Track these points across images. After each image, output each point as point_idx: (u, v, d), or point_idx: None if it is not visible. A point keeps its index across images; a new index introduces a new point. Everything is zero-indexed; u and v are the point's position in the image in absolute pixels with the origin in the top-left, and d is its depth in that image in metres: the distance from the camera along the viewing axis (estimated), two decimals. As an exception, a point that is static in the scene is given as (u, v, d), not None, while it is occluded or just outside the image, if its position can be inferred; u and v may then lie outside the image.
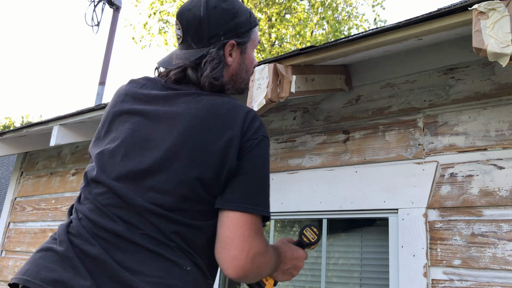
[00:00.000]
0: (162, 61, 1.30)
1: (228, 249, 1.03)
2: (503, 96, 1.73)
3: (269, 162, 1.21)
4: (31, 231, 3.54)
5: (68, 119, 2.69)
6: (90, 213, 1.06)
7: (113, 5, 5.21)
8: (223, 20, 1.23)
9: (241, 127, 1.11)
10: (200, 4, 1.23)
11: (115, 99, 1.28)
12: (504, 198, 1.62)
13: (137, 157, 1.09)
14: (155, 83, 1.27)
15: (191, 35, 1.23)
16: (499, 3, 1.23)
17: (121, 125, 1.18)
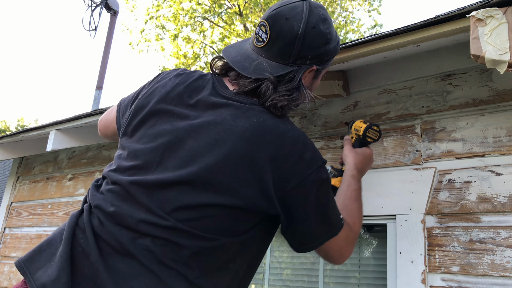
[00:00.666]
0: (234, 59, 1.16)
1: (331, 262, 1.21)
2: (501, 103, 1.73)
3: (329, 185, 1.11)
4: (27, 236, 3.52)
5: (65, 124, 2.68)
6: (105, 214, 1.03)
7: (111, 10, 5.22)
8: (316, 44, 1.14)
9: (289, 162, 1.02)
10: (301, 19, 1.11)
11: (160, 90, 1.17)
12: (502, 204, 1.62)
13: (172, 168, 1.03)
14: (209, 84, 1.16)
15: (278, 47, 1.13)
16: (497, 11, 1.24)
17: (160, 124, 1.10)
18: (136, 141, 1.11)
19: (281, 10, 1.13)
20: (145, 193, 1.02)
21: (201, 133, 1.05)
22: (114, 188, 1.06)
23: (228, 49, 1.23)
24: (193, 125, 1.07)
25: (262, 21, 1.16)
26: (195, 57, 15.26)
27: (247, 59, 1.16)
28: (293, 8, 1.13)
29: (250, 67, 1.14)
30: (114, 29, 5.26)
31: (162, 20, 15.19)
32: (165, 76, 1.24)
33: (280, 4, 1.16)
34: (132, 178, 1.05)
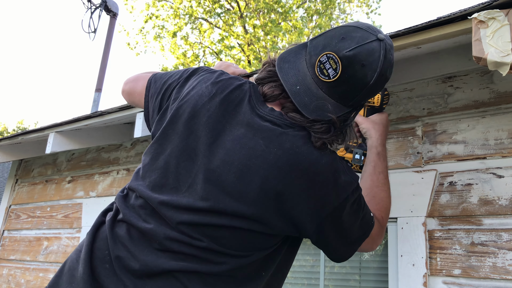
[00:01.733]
0: (293, 89, 1.07)
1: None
2: (502, 105, 1.72)
3: (361, 198, 1.12)
4: (25, 239, 3.51)
5: (64, 127, 2.67)
6: (137, 229, 1.03)
7: (110, 12, 5.21)
8: (376, 89, 1.10)
9: (324, 189, 1.02)
10: (376, 69, 1.04)
11: (196, 99, 1.10)
12: (503, 207, 1.61)
13: (203, 194, 1.01)
14: (245, 98, 1.10)
15: (344, 89, 1.07)
16: (499, 12, 1.23)
17: (193, 140, 1.06)
18: (168, 155, 1.08)
19: (359, 53, 1.04)
20: (176, 214, 1.01)
21: (232, 157, 1.02)
22: (144, 204, 1.05)
23: (284, 68, 1.12)
24: (226, 146, 1.04)
25: (334, 55, 1.05)
26: (194, 58, 15.27)
27: (307, 92, 1.08)
28: (371, 53, 1.04)
29: (311, 104, 1.07)
30: (113, 31, 5.25)
31: (161, 20, 15.19)
32: (202, 79, 1.17)
33: (357, 41, 1.05)
34: (163, 197, 1.04)
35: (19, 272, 3.38)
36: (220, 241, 0.99)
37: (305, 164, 1.01)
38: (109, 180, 3.08)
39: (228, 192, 1.00)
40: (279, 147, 1.01)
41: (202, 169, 1.03)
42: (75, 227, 3.16)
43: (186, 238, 0.99)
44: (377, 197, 1.27)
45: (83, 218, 3.12)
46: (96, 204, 3.09)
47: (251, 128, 1.05)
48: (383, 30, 2.17)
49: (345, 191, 1.05)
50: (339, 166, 1.06)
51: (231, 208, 0.99)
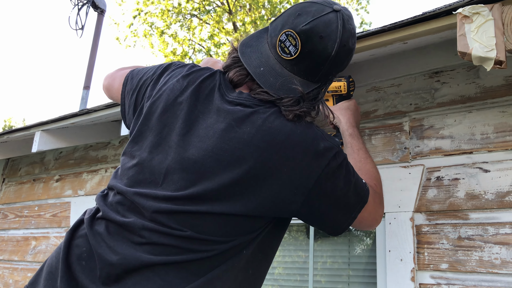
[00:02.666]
0: (256, 71, 1.10)
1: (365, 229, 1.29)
2: (488, 99, 1.73)
3: (347, 163, 1.11)
4: (13, 239, 3.47)
5: (51, 125, 2.64)
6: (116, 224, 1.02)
7: (98, 9, 5.16)
8: (341, 61, 1.11)
9: (305, 159, 1.01)
10: (335, 39, 1.05)
11: (168, 94, 1.11)
12: (490, 201, 1.62)
13: (181, 183, 1.00)
14: (216, 86, 1.11)
15: (307, 64, 1.08)
16: (483, 7, 1.23)
17: (168, 133, 1.07)
18: (143, 151, 1.09)
19: (316, 25, 1.05)
20: (153, 203, 1.00)
21: (207, 143, 1.02)
22: (122, 200, 1.05)
23: (246, 52, 1.14)
24: (200, 134, 1.04)
25: (292, 32, 1.07)
26: (183, 55, 15.19)
27: (271, 72, 1.09)
28: (328, 24, 1.05)
29: (276, 83, 1.08)
30: (101, 27, 5.20)
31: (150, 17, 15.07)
32: (173, 74, 1.18)
33: (312, 14, 1.07)
34: (140, 190, 1.03)
35: (7, 272, 3.35)
36: (202, 229, 0.98)
37: (280, 137, 1.00)
38: (97, 178, 3.06)
39: (207, 177, 0.99)
40: (251, 125, 1.01)
41: (177, 159, 1.03)
42: (64, 226, 3.13)
43: (166, 229, 0.97)
44: (363, 169, 1.29)
45: (71, 217, 3.10)
46: (84, 202, 3.06)
47: (221, 113, 1.05)
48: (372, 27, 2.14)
49: (326, 157, 1.03)
50: (316, 134, 1.06)
51: (211, 193, 0.98)
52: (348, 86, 1.53)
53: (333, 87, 1.55)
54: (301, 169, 1.01)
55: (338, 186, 1.05)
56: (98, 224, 1.02)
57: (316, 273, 2.08)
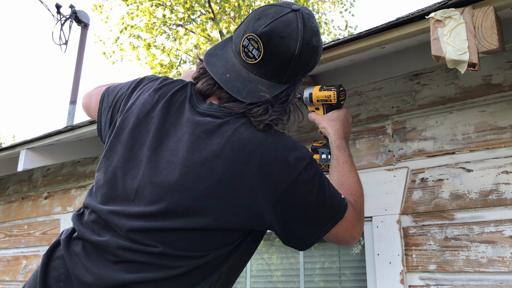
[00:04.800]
0: (223, 78, 1.10)
1: (343, 244, 1.19)
2: (467, 100, 1.75)
3: (321, 176, 1.08)
4: (3, 259, 3.44)
5: (36, 143, 2.63)
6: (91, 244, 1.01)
7: (81, 23, 5.14)
8: (308, 59, 1.10)
9: (275, 169, 1.00)
10: (297, 37, 1.05)
11: (140, 109, 1.11)
12: (474, 200, 1.64)
13: (153, 198, 0.99)
14: (187, 98, 1.11)
15: (273, 66, 1.08)
16: (454, 11, 1.25)
17: (139, 148, 1.05)
18: (115, 166, 1.08)
19: (276, 26, 1.05)
20: (126, 222, 0.99)
21: (177, 156, 1.01)
22: (97, 219, 1.04)
23: (212, 61, 1.14)
24: (170, 147, 1.03)
25: (253, 36, 1.07)
26: (170, 66, 15.17)
27: (238, 78, 1.10)
28: (288, 24, 1.06)
29: (243, 89, 1.08)
30: (85, 42, 5.19)
31: (136, 30, 15.04)
32: (145, 88, 1.18)
33: (271, 16, 1.07)
34: (113, 208, 1.02)
35: (-1, 293, 3.31)
36: (175, 245, 0.97)
37: (250, 148, 1.00)
38: (86, 193, 3.04)
39: (177, 191, 0.98)
40: (221, 136, 1.01)
41: (148, 174, 1.02)
42: (54, 243, 3.10)
43: (140, 246, 0.96)
44: (345, 183, 1.26)
45: (61, 234, 3.07)
46: (74, 219, 3.04)
47: (192, 125, 1.05)
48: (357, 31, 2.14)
49: (297, 168, 1.02)
50: (287, 144, 1.05)
51: (182, 207, 0.97)
52: (338, 95, 1.50)
53: (322, 96, 1.53)
54: (270, 179, 1.00)
55: (308, 198, 1.04)
56: (74, 244, 1.01)
57: (308, 279, 2.08)
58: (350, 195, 1.21)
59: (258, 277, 2.27)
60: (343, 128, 1.46)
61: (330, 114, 1.51)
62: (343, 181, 1.26)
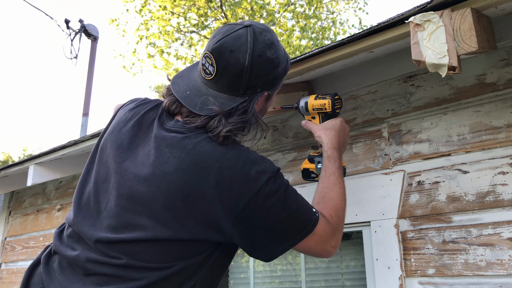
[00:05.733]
0: (183, 95, 1.14)
1: (317, 257, 1.22)
2: (462, 100, 1.72)
3: (286, 190, 1.09)
4: (22, 270, 3.52)
5: (42, 158, 2.69)
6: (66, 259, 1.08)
7: (91, 36, 5.24)
8: (264, 71, 1.13)
9: (235, 183, 1.02)
10: (246, 50, 1.09)
11: (115, 129, 1.17)
12: (471, 202, 1.61)
13: (119, 211, 1.02)
14: (157, 117, 1.16)
15: (226, 80, 1.11)
16: (433, 14, 1.24)
17: (108, 164, 1.11)
18: (90, 182, 1.14)
19: (225, 41, 1.10)
20: (94, 233, 1.04)
21: (141, 169, 1.05)
22: (72, 233, 1.09)
23: (177, 81, 1.21)
24: (137, 162, 1.07)
25: (207, 52, 1.13)
26: (186, 71, 15.30)
27: (197, 94, 1.14)
28: (237, 38, 1.10)
29: (193, 97, 1.14)
30: (95, 54, 5.28)
31: (152, 38, 15.22)
32: (125, 109, 1.24)
33: (223, 33, 1.12)
34: (84, 221, 1.07)
35: (17, 304, 3.39)
36: (139, 256, 0.99)
37: (209, 161, 1.02)
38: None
39: (139, 203, 1.01)
40: (182, 150, 1.04)
41: (115, 187, 1.07)
42: (67, 255, 3.17)
43: (106, 258, 0.99)
44: (326, 197, 1.26)
45: (74, 245, 3.13)
46: (85, 230, 3.10)
47: (157, 141, 1.09)
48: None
49: (258, 182, 1.03)
50: (248, 157, 1.06)
51: (144, 218, 1.00)
52: (333, 103, 1.51)
53: (317, 105, 1.54)
54: (230, 192, 1.01)
55: (272, 212, 1.04)
56: (52, 261, 1.07)
57: (308, 286, 2.07)
58: (327, 209, 1.21)
59: (258, 284, 2.27)
60: (338, 138, 1.46)
61: (326, 123, 1.52)
62: (325, 194, 1.27)
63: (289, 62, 1.24)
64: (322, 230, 1.12)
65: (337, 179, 1.32)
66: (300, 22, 14.35)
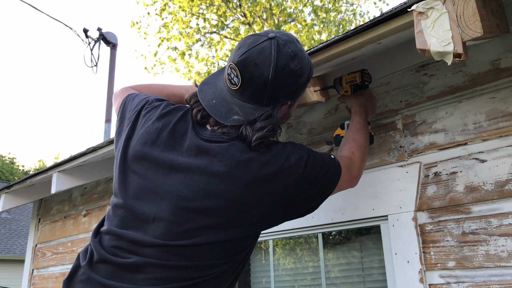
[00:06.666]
0: (209, 104, 1.20)
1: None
2: (477, 87, 1.67)
3: (315, 160, 1.26)
4: (52, 276, 3.62)
5: (65, 165, 2.76)
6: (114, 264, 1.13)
7: (109, 44, 5.34)
8: (287, 83, 1.17)
9: (280, 179, 1.16)
10: (270, 64, 1.12)
11: (145, 137, 1.18)
12: (490, 192, 1.56)
13: (170, 225, 1.08)
14: (189, 126, 1.19)
15: (251, 91, 1.16)
16: (436, 1, 1.20)
17: (153, 176, 1.13)
18: (130, 194, 1.15)
19: (250, 54, 1.13)
20: (150, 241, 1.08)
21: (193, 179, 1.10)
22: (118, 243, 1.11)
23: (204, 88, 1.25)
24: (183, 172, 1.12)
25: (232, 64, 1.16)
26: (208, 74, 15.39)
27: (222, 103, 1.19)
28: (262, 52, 1.13)
29: (219, 106, 1.19)
30: (115, 61, 5.37)
31: (173, 41, 15.37)
32: (148, 116, 1.25)
33: (248, 45, 1.15)
34: (132, 232, 1.11)
35: (49, 308, 3.49)
36: (200, 257, 1.08)
37: (258, 166, 1.11)
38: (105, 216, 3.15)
39: (199, 212, 1.07)
40: (231, 158, 1.10)
41: (166, 198, 1.09)
42: (94, 259, 3.23)
43: (165, 262, 1.05)
44: (350, 139, 1.55)
45: (100, 250, 3.19)
46: (110, 234, 3.16)
47: (201, 151, 1.13)
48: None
49: (300, 167, 1.17)
50: (285, 151, 1.18)
51: (204, 225, 1.07)
52: (362, 76, 1.76)
53: (350, 77, 1.78)
54: (282, 185, 1.14)
55: (317, 178, 1.23)
56: (96, 268, 1.09)
57: (328, 283, 2.06)
58: (351, 147, 1.50)
59: (279, 282, 2.26)
60: (365, 99, 1.72)
61: (356, 93, 1.77)
62: (349, 137, 1.57)
63: (312, 69, 1.28)
64: (346, 168, 1.36)
65: (361, 127, 1.61)
66: (319, 16, 14.23)
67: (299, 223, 2.07)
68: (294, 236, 2.26)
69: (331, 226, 1.99)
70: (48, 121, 67.06)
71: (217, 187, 1.07)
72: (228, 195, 1.07)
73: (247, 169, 1.09)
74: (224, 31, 15.39)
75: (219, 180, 1.07)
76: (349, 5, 15.58)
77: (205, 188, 1.07)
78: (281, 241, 2.38)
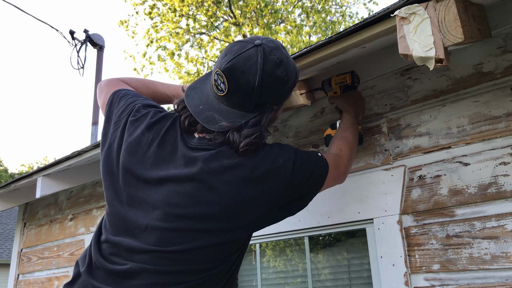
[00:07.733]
0: (196, 109, 1.20)
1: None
2: (460, 91, 1.69)
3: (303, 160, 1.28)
4: (38, 280, 3.58)
5: (49, 170, 2.73)
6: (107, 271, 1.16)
7: (96, 45, 5.29)
8: (273, 89, 1.18)
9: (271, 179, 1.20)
10: (256, 71, 1.13)
11: (135, 148, 1.18)
12: (473, 195, 1.58)
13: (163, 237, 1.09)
14: (178, 135, 1.20)
15: (237, 98, 1.17)
16: (418, 7, 1.21)
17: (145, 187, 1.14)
18: (123, 203, 1.16)
19: (237, 62, 1.14)
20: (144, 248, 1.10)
21: (183, 187, 1.10)
22: (114, 250, 1.14)
23: (190, 94, 1.26)
24: (173, 180, 1.12)
25: (219, 70, 1.17)
26: (198, 74, 15.36)
27: (210, 109, 1.19)
28: (248, 59, 1.14)
29: (206, 111, 1.20)
30: (102, 63, 5.33)
31: (162, 41, 15.31)
32: (137, 124, 1.24)
33: (234, 52, 1.16)
34: (126, 239, 1.12)
35: (35, 314, 3.44)
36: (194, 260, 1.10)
37: (246, 170, 1.13)
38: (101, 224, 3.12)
39: (190, 218, 1.09)
40: (219, 164, 1.12)
41: (158, 206, 1.11)
42: (81, 263, 3.20)
43: (159, 267, 1.07)
44: (339, 137, 1.59)
45: (86, 254, 3.16)
46: (97, 238, 3.13)
47: (189, 159, 1.14)
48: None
49: (288, 167, 1.19)
50: (273, 153, 1.20)
51: (194, 230, 1.08)
52: (352, 77, 1.79)
53: (339, 79, 1.81)
54: (271, 187, 1.15)
55: (305, 177, 1.25)
56: (95, 274, 1.11)
57: (316, 286, 2.06)
58: (339, 145, 1.53)
59: (267, 283, 2.26)
60: (353, 99, 1.76)
61: (346, 93, 1.80)
62: (338, 135, 1.61)
63: (298, 74, 1.29)
64: (333, 165, 1.39)
65: (350, 125, 1.65)
66: (310, 19, 14.27)
67: (286, 226, 2.07)
68: (281, 240, 2.26)
69: (318, 229, 2.00)
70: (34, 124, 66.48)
71: (208, 193, 1.09)
72: (219, 201, 1.09)
73: (236, 174, 1.11)
74: (214, 31, 15.37)
75: (209, 187, 1.09)
76: (339, 6, 15.66)
77: (197, 195, 1.09)
78: (268, 245, 2.38)
